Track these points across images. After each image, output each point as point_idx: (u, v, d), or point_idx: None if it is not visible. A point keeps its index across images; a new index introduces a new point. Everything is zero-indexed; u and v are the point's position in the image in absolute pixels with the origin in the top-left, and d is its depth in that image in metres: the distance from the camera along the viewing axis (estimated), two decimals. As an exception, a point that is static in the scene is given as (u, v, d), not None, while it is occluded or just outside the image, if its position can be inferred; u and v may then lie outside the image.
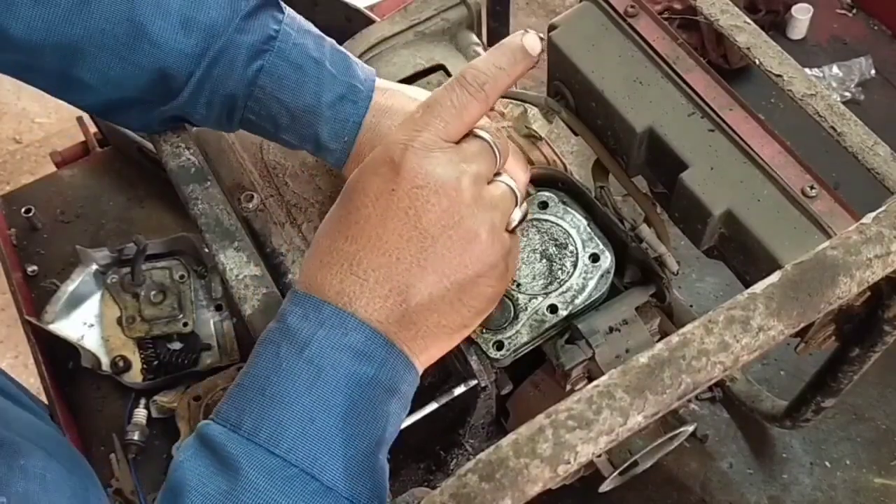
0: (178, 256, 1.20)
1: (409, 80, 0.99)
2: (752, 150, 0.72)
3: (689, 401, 1.08)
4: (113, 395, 1.14)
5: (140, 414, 1.11)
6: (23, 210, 1.29)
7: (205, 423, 0.55)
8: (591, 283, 0.74)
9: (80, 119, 1.38)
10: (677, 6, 1.39)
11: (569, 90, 0.82)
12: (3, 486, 0.55)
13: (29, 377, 1.63)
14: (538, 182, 0.79)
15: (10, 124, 2.25)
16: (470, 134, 0.60)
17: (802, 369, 1.11)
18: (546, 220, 0.76)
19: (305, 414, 0.53)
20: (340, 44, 0.81)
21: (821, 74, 1.49)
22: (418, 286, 0.56)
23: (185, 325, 1.15)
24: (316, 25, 0.79)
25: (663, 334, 0.81)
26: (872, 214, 0.57)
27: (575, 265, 0.74)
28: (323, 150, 0.76)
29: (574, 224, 0.76)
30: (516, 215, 0.64)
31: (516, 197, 0.63)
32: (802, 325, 0.53)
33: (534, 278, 0.75)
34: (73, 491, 0.60)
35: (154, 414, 1.12)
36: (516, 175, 0.65)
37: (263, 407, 0.53)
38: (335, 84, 0.74)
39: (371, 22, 1.06)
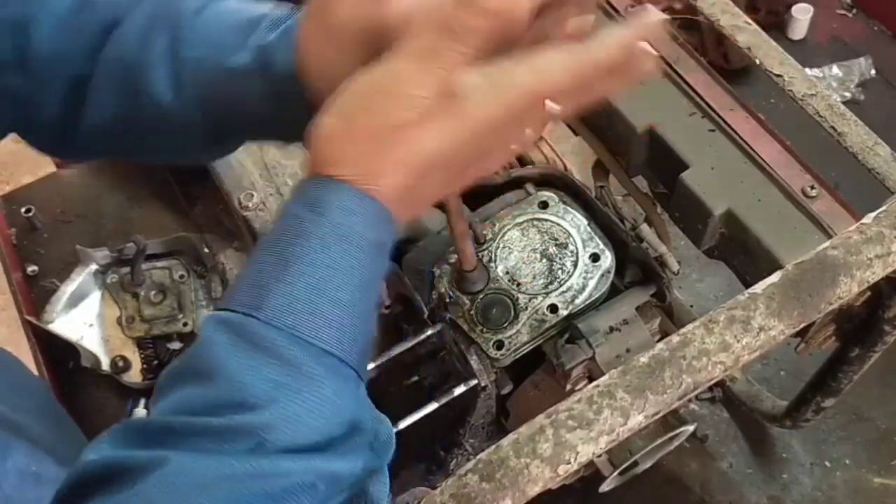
0: (178, 256, 1.20)
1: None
2: (752, 150, 0.73)
3: (690, 401, 1.08)
4: (113, 395, 1.14)
5: (140, 413, 1.11)
6: (23, 210, 1.29)
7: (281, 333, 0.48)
8: (592, 283, 0.74)
9: (80, 119, 1.37)
10: (677, 6, 1.39)
11: (569, 90, 0.82)
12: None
13: (29, 377, 1.63)
14: (538, 182, 0.79)
15: (9, 124, 2.24)
16: None
17: (802, 369, 1.11)
18: (546, 220, 0.76)
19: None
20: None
21: (821, 74, 1.50)
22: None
23: (185, 324, 1.15)
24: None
25: (664, 334, 0.81)
26: (873, 214, 0.57)
27: (575, 265, 0.74)
28: (269, 52, 0.63)
29: (574, 224, 0.76)
30: None
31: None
32: (803, 325, 0.53)
33: (534, 278, 0.75)
34: None
35: (154, 414, 1.12)
36: None
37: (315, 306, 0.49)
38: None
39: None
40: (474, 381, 0.75)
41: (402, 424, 0.73)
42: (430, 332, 0.77)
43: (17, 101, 0.65)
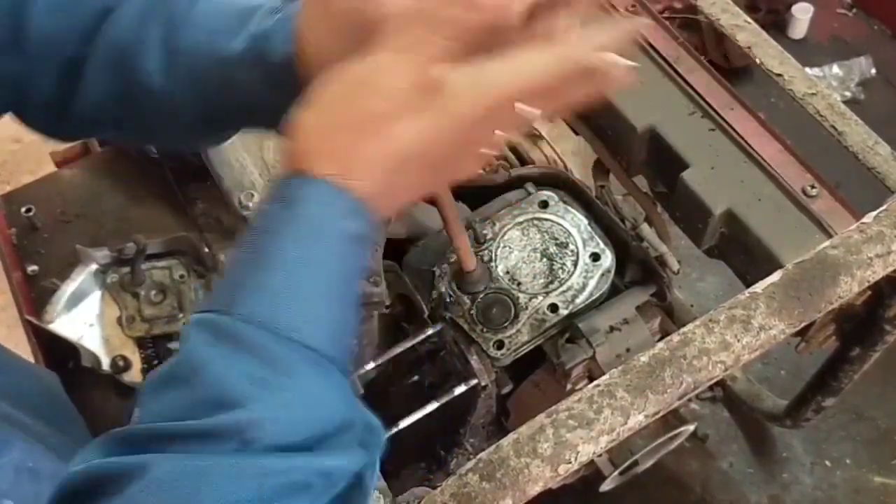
0: (178, 256, 1.20)
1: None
2: (752, 149, 0.72)
3: (690, 400, 1.08)
4: (113, 395, 1.14)
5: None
6: (23, 210, 1.29)
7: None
8: (592, 283, 0.74)
9: (80, 119, 1.37)
10: (678, 5, 1.40)
11: (569, 89, 0.82)
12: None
13: (29, 377, 1.63)
14: (539, 181, 0.79)
15: (10, 124, 2.24)
16: None
17: (803, 369, 1.11)
18: (546, 220, 0.76)
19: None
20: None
21: (821, 74, 1.50)
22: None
23: (185, 324, 1.15)
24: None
25: (664, 333, 0.81)
26: (873, 213, 0.57)
27: (575, 264, 0.74)
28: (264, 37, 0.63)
29: (575, 223, 0.76)
30: None
31: None
32: (803, 324, 0.53)
33: (534, 277, 0.75)
34: None
35: (154, 413, 1.12)
36: None
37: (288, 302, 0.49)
38: None
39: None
40: (474, 381, 0.75)
41: (402, 424, 0.73)
42: (430, 331, 0.77)
43: (12, 83, 0.64)
